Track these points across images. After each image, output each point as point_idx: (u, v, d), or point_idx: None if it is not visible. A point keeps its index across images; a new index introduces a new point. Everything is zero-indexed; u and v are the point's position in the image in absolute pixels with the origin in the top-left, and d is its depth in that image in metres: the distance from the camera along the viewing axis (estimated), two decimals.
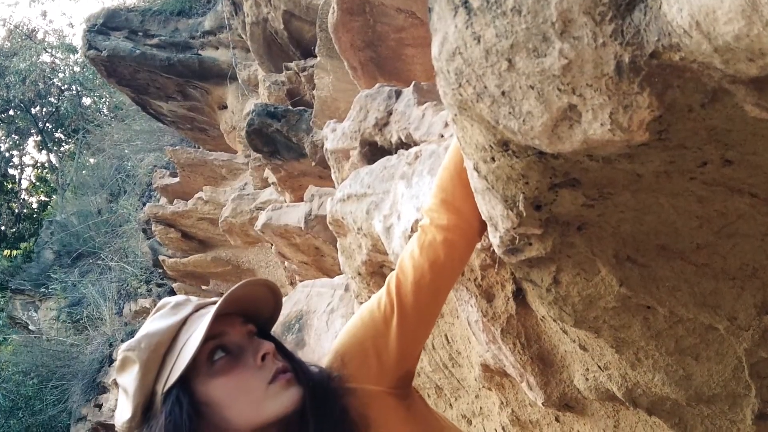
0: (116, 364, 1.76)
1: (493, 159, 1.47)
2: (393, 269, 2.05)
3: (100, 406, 15.10)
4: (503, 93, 1.26)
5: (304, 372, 1.76)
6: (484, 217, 1.75)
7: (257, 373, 1.69)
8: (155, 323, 1.75)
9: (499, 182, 1.52)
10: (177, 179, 9.95)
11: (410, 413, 1.85)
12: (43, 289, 18.85)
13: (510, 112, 1.27)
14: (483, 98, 1.30)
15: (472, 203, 1.86)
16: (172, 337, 1.71)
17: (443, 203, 1.92)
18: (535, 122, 1.24)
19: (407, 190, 2.35)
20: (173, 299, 1.82)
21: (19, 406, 17.29)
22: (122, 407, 1.73)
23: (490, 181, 1.54)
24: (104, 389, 15.01)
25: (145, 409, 1.70)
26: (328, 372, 1.82)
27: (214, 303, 1.75)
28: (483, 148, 1.47)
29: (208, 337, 1.67)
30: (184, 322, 1.72)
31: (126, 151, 18.54)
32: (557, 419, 2.53)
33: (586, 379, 2.14)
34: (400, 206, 2.38)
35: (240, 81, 8.12)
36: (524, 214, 1.56)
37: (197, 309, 1.76)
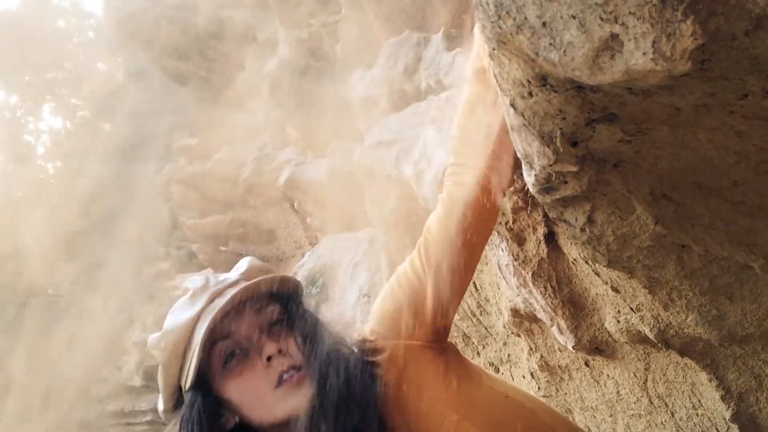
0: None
1: (530, 94, 1.46)
2: (421, 215, 2.06)
3: (120, 368, 15.25)
4: (544, 24, 1.25)
5: (319, 359, 1.77)
6: (519, 155, 1.75)
7: (265, 376, 1.74)
8: (174, 318, 1.82)
9: (536, 118, 1.52)
10: (196, 140, 9.97)
11: (448, 366, 1.90)
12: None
13: (550, 44, 1.26)
14: (523, 30, 1.29)
15: (487, 155, 1.88)
16: (189, 333, 1.77)
17: (461, 163, 1.95)
18: (576, 53, 1.24)
19: (437, 135, 2.34)
20: (192, 286, 1.86)
21: (40, 367, 17.47)
22: (160, 397, 1.86)
23: (527, 117, 1.53)
24: (124, 351, 15.15)
25: (174, 402, 1.82)
26: (357, 337, 1.89)
27: (233, 285, 1.82)
28: (521, 84, 1.46)
29: (219, 338, 1.75)
30: (198, 318, 1.77)
31: (142, 118, 18.54)
32: (587, 363, 2.54)
33: (618, 322, 2.15)
34: (431, 151, 2.37)
35: (259, 41, 8.10)
36: (561, 150, 1.55)
37: (212, 299, 1.79)
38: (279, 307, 1.84)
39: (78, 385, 16.43)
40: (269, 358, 1.74)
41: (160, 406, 1.87)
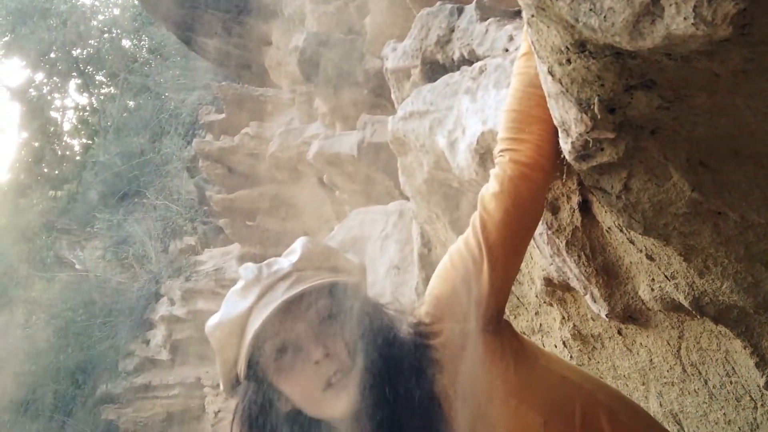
0: None
1: (568, 61, 1.47)
2: (454, 186, 2.06)
3: (147, 342, 15.43)
4: None
5: (372, 356, 1.77)
6: (556, 123, 1.76)
7: (313, 377, 1.76)
8: (226, 309, 1.84)
9: (574, 85, 1.52)
10: (223, 115, 10.01)
11: (504, 349, 1.90)
12: (88, 229, 19.17)
13: (591, 9, 1.27)
14: None
15: (548, 131, 1.88)
16: (241, 328, 1.79)
17: (518, 139, 1.93)
18: (617, 18, 1.24)
19: (472, 104, 2.35)
20: (244, 276, 1.87)
21: (69, 342, 17.68)
22: (220, 379, 1.92)
23: (565, 84, 1.54)
24: (151, 325, 15.31)
25: (232, 386, 1.87)
26: (413, 320, 1.89)
27: (285, 278, 1.82)
28: (559, 50, 1.47)
29: (269, 336, 1.76)
30: (249, 313, 1.79)
31: (167, 94, 18.60)
32: (619, 332, 2.54)
33: (652, 290, 2.15)
34: (465, 120, 2.38)
35: (286, 15, 8.09)
36: (598, 117, 1.55)
37: (263, 294, 1.80)
38: (329, 307, 1.82)
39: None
40: (317, 362, 1.75)
41: (221, 387, 1.93)
